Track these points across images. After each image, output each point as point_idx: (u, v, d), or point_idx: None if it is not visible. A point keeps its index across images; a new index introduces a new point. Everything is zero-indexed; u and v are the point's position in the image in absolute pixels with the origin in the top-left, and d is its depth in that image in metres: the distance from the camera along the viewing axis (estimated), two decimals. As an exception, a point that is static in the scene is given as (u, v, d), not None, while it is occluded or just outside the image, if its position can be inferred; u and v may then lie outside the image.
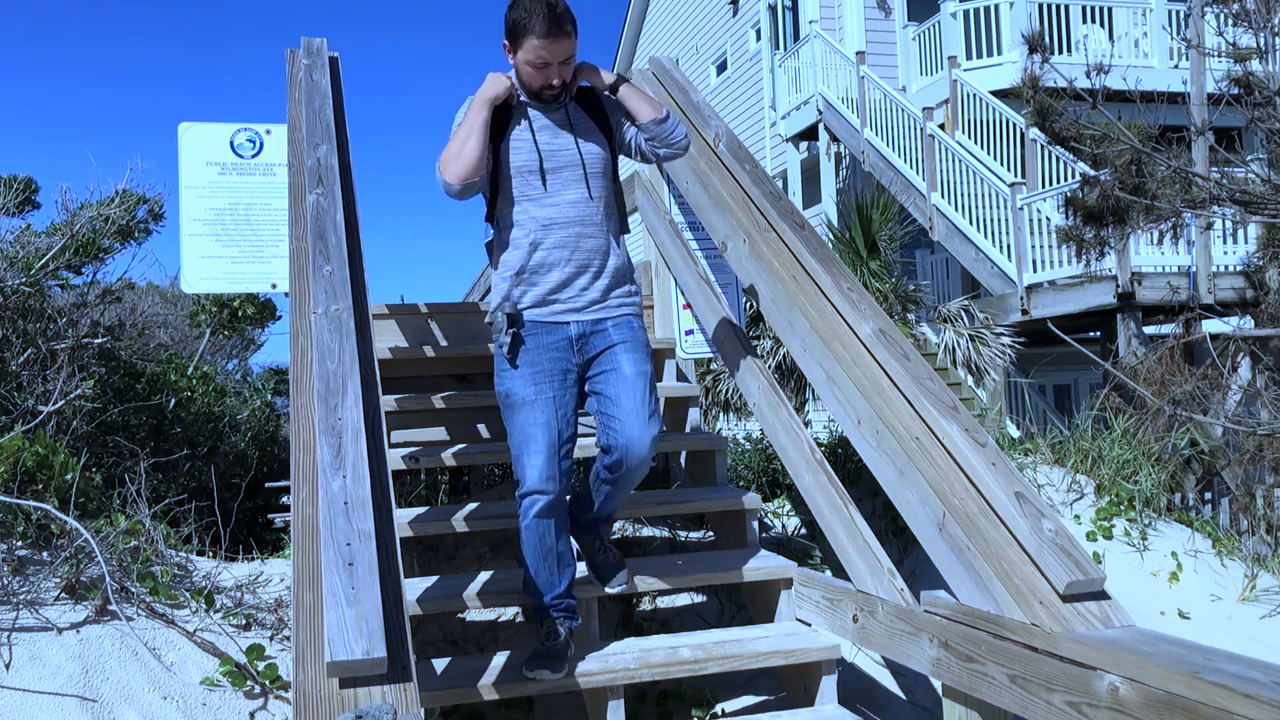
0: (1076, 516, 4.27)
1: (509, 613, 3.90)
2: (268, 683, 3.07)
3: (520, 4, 2.69)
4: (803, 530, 4.74)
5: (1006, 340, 9.04)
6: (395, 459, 3.66)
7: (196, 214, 4.41)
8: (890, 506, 3.33)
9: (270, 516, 7.98)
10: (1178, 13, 12.68)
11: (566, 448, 2.85)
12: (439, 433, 4.44)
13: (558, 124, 2.89)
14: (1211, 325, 8.19)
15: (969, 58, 13.05)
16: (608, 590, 3.19)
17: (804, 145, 15.06)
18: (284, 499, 8.12)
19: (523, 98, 2.86)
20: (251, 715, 2.99)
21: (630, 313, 2.96)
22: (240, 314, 11.59)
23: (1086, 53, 10.98)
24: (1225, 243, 9.23)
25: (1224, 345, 6.99)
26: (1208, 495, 5.50)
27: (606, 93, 2.95)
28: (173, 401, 6.90)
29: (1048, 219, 9.36)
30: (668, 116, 2.92)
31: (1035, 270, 9.70)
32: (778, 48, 15.81)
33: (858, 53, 13.21)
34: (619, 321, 2.92)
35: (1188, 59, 8.22)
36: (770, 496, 5.24)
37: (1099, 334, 9.62)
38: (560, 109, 2.90)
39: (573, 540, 3.09)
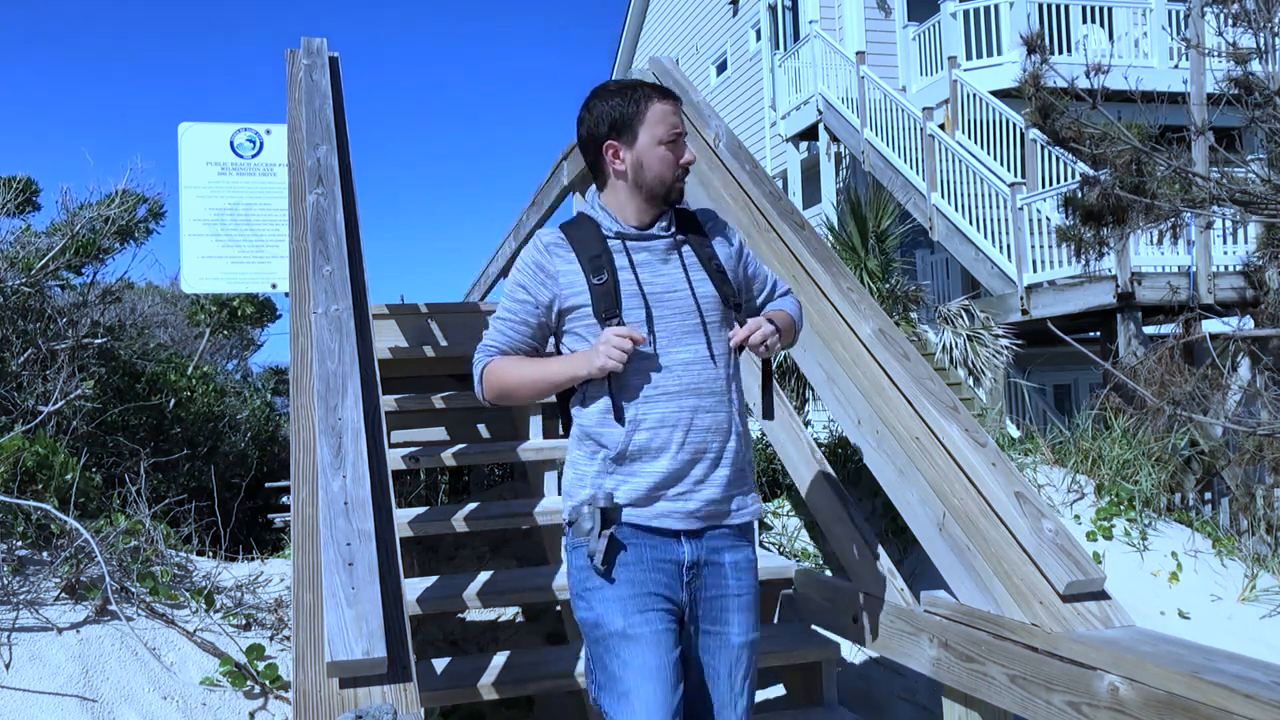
0: (1076, 516, 4.27)
1: (509, 613, 3.90)
2: (268, 683, 3.07)
3: (607, 94, 2.15)
4: (802, 530, 4.74)
5: (1005, 341, 9.05)
6: (395, 459, 3.66)
7: (196, 214, 4.41)
8: (890, 506, 3.33)
9: (270, 516, 7.98)
10: (1178, 13, 12.67)
11: (680, 706, 2.08)
12: (439, 433, 4.44)
13: (658, 251, 2.18)
14: (1211, 325, 8.20)
15: (969, 58, 13.04)
16: None
17: (804, 145, 15.06)
18: (284, 499, 8.12)
19: (614, 229, 2.17)
20: (251, 715, 2.99)
21: (751, 540, 2.25)
22: (240, 314, 11.61)
23: (1086, 53, 10.96)
24: (1225, 243, 9.23)
25: (1224, 345, 7.00)
26: (1208, 495, 5.50)
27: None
28: (173, 401, 6.90)
29: (1047, 219, 9.36)
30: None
31: (1035, 270, 9.70)
32: (778, 48, 15.80)
33: (858, 53, 13.21)
34: (739, 562, 2.18)
35: (1188, 59, 8.22)
36: (770, 496, 5.24)
37: (1099, 334, 9.62)
38: (668, 238, 2.19)
39: None
